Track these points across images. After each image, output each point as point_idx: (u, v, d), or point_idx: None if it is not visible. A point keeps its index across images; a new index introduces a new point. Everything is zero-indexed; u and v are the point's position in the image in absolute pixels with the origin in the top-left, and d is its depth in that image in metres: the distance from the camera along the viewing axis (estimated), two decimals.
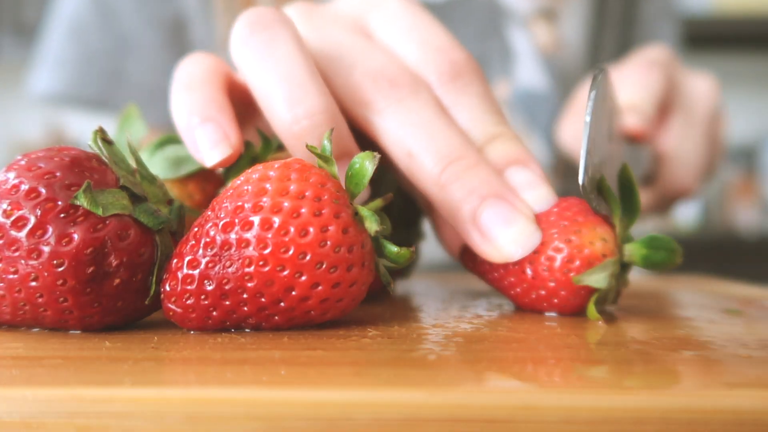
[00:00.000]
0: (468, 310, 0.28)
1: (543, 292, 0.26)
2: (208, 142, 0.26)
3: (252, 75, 0.27)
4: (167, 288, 0.22)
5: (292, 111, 0.25)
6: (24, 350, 0.20)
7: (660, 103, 0.43)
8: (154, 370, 0.17)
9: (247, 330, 0.23)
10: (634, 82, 0.43)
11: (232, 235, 0.21)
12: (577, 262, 0.26)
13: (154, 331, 0.23)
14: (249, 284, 0.21)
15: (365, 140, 0.29)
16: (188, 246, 0.22)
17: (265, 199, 0.21)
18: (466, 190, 0.26)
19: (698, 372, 0.18)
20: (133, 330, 0.23)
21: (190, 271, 0.22)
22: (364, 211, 0.22)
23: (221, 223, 0.22)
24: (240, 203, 0.22)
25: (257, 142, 0.29)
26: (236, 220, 0.21)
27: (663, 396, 0.16)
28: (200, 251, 0.22)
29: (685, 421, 0.16)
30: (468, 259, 0.29)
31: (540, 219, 0.26)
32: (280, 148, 0.29)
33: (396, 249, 0.23)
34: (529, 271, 0.26)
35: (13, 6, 1.79)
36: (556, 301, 0.26)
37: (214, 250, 0.22)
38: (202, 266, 0.22)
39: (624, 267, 0.27)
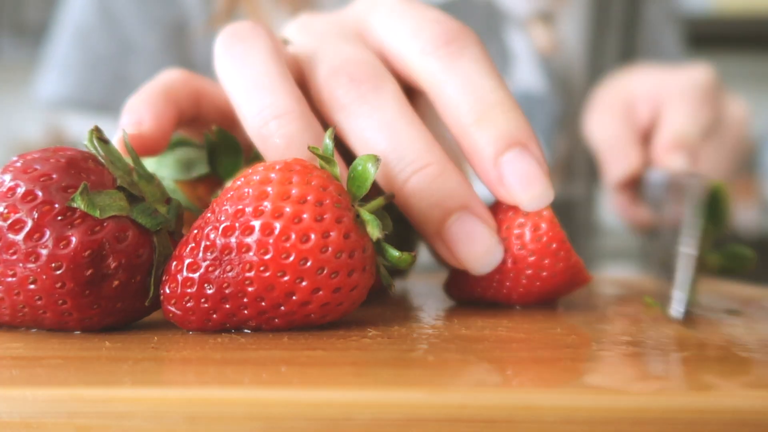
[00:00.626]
0: (468, 310, 0.28)
1: (530, 271, 0.26)
2: (127, 126, 0.27)
3: (228, 83, 0.27)
4: (167, 290, 0.22)
5: (261, 114, 0.26)
6: (24, 350, 0.20)
7: (704, 133, 0.45)
8: (154, 370, 0.17)
9: (247, 330, 0.23)
10: (686, 113, 0.45)
11: (233, 239, 0.21)
12: (543, 225, 0.26)
13: (154, 331, 0.23)
14: (249, 289, 0.21)
15: None
16: (188, 248, 0.22)
17: (266, 203, 0.21)
18: (432, 202, 0.25)
19: (698, 372, 0.18)
20: (133, 330, 0.23)
21: (190, 275, 0.22)
22: (366, 215, 0.22)
23: (221, 226, 0.21)
24: (241, 206, 0.21)
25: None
26: (237, 224, 0.21)
27: (663, 396, 0.16)
28: (200, 254, 0.22)
29: (685, 421, 0.15)
30: (453, 288, 0.30)
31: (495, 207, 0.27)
32: None
33: (398, 254, 0.23)
34: (509, 262, 0.27)
35: (13, 6, 1.79)
36: (545, 274, 0.26)
37: (215, 254, 0.21)
38: (202, 270, 0.21)
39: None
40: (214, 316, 0.22)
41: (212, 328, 0.22)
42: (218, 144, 0.29)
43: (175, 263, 0.22)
